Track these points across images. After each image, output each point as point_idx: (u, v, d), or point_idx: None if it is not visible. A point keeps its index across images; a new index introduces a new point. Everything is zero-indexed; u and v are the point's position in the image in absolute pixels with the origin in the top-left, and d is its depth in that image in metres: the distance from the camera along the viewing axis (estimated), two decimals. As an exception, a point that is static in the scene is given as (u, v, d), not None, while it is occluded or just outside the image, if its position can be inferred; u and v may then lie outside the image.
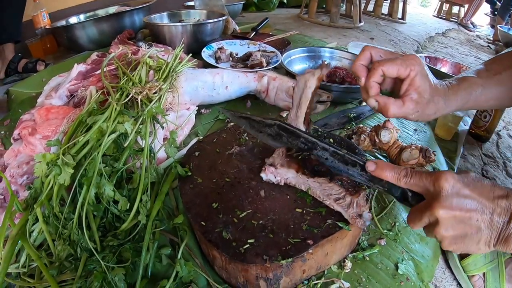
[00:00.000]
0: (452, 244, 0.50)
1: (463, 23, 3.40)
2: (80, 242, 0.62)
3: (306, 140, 0.65)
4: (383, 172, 0.55)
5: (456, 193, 0.48)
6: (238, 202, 0.65)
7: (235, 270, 0.59)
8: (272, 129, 0.69)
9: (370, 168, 0.57)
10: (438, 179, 0.49)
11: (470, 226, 0.48)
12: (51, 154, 0.64)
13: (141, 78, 0.91)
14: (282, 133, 0.68)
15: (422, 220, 0.51)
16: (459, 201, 0.47)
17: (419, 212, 0.51)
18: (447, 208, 0.47)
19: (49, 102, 1.04)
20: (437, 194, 0.49)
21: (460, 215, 0.47)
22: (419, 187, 0.53)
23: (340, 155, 0.62)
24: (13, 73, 1.67)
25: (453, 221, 0.48)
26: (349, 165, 0.61)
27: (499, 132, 1.36)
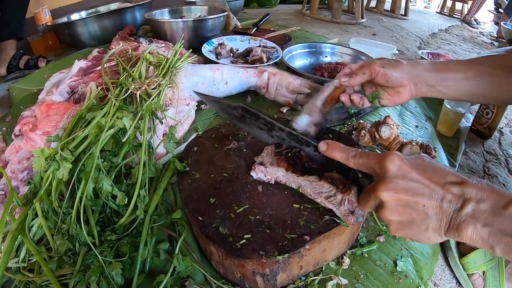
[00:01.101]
0: (399, 229, 0.48)
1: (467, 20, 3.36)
2: (79, 236, 0.63)
3: (265, 120, 0.68)
4: (333, 152, 0.56)
5: (402, 175, 0.46)
6: (235, 197, 0.64)
7: (231, 266, 0.59)
8: (237, 111, 0.72)
9: (321, 148, 0.58)
10: (384, 160, 0.47)
11: (417, 212, 0.45)
12: (49, 149, 0.64)
13: (141, 74, 0.91)
14: (245, 115, 0.71)
15: (369, 202, 0.50)
16: (404, 184, 0.45)
17: (366, 194, 0.51)
18: (391, 191, 0.45)
19: (50, 98, 1.04)
20: (382, 175, 0.47)
21: (405, 198, 0.45)
22: (367, 167, 0.52)
23: (294, 135, 0.65)
24: (15, 70, 1.67)
25: (398, 205, 0.46)
26: (304, 145, 0.64)
27: (502, 129, 1.35)
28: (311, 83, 1.10)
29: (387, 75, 0.70)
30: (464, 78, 0.69)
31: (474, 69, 0.69)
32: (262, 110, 1.12)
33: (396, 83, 0.71)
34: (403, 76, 0.70)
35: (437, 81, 0.70)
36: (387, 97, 0.75)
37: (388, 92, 0.74)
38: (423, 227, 0.46)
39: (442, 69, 0.70)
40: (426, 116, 1.25)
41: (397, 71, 0.70)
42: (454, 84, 0.70)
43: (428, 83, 0.71)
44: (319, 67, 1.38)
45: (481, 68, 0.68)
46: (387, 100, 0.75)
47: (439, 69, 0.70)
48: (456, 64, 0.71)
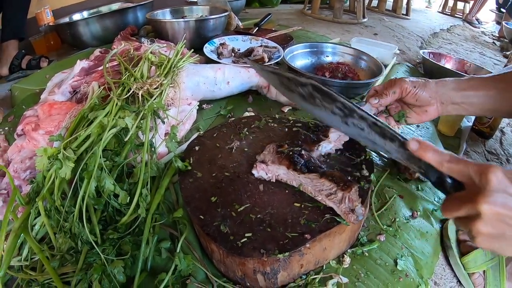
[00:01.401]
0: (487, 241, 0.48)
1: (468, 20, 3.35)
2: (81, 235, 0.63)
3: (343, 105, 0.57)
4: (426, 153, 0.52)
5: (503, 189, 0.45)
6: (236, 196, 0.65)
7: (232, 264, 0.59)
8: (305, 88, 0.61)
9: (412, 147, 0.53)
10: (486, 172, 0.46)
11: (510, 227, 0.45)
12: (52, 148, 0.65)
13: (142, 74, 0.92)
14: (315, 94, 0.60)
15: (460, 210, 0.48)
16: (505, 199, 0.45)
17: (459, 202, 0.49)
18: (492, 204, 0.45)
19: (52, 98, 1.05)
20: (483, 187, 0.46)
21: (504, 213, 0.45)
22: (462, 175, 0.50)
23: (379, 127, 0.56)
24: (17, 70, 1.67)
25: (495, 218, 0.45)
26: (387, 139, 0.56)
27: (503, 129, 1.35)
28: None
29: (417, 94, 0.72)
30: (487, 96, 0.71)
31: (496, 86, 0.71)
32: (264, 110, 1.14)
33: (424, 103, 0.73)
34: (431, 96, 0.72)
35: (462, 99, 0.73)
36: (414, 116, 0.77)
37: (416, 111, 0.76)
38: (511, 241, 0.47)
39: (466, 87, 0.72)
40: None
41: (426, 91, 0.72)
42: (477, 101, 0.72)
43: (453, 101, 0.73)
44: (321, 67, 1.39)
45: (503, 85, 0.70)
46: (414, 118, 0.77)
47: (463, 88, 0.72)
48: (479, 82, 0.73)
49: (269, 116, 0.89)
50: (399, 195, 0.84)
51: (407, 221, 0.78)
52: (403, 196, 0.84)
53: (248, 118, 0.89)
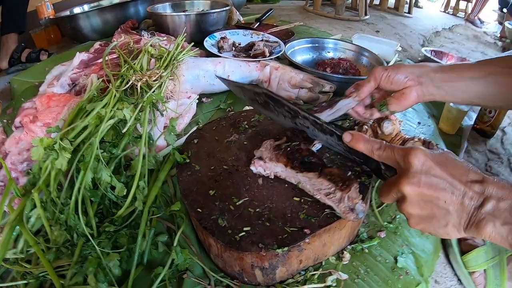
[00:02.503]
0: (419, 223, 0.49)
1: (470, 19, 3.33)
2: (77, 227, 0.62)
3: (289, 108, 0.65)
4: (358, 143, 0.55)
5: (426, 170, 0.46)
6: (235, 190, 0.64)
7: (230, 258, 0.58)
8: (261, 97, 0.69)
9: (346, 139, 0.57)
10: (408, 155, 0.47)
11: (437, 207, 0.46)
12: (48, 139, 0.64)
13: (142, 66, 0.91)
14: (269, 101, 0.68)
15: (391, 194, 0.50)
16: (427, 179, 0.46)
17: (389, 186, 0.50)
18: (414, 185, 0.46)
19: (51, 90, 1.04)
20: (406, 169, 0.48)
21: (427, 193, 0.46)
22: (390, 160, 0.52)
23: (319, 124, 0.62)
24: (16, 63, 1.67)
25: (419, 199, 0.47)
26: (327, 134, 0.62)
27: (504, 128, 1.34)
28: (313, 78, 1.09)
29: (390, 77, 0.69)
30: (472, 78, 0.67)
31: (483, 69, 0.67)
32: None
33: (400, 85, 0.70)
34: (407, 76, 0.69)
35: (444, 81, 0.68)
36: (394, 102, 0.73)
37: (395, 96, 0.73)
38: (443, 222, 0.47)
39: (448, 70, 0.69)
40: (428, 113, 1.23)
41: (400, 72, 0.69)
42: (462, 84, 0.68)
43: (434, 83, 0.69)
44: (322, 63, 1.37)
45: (491, 67, 0.66)
46: (395, 104, 0.74)
47: (445, 70, 0.69)
48: (464, 65, 0.69)
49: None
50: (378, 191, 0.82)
51: (407, 218, 0.77)
52: (404, 193, 0.83)
53: (248, 112, 0.88)
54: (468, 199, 0.44)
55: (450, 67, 0.69)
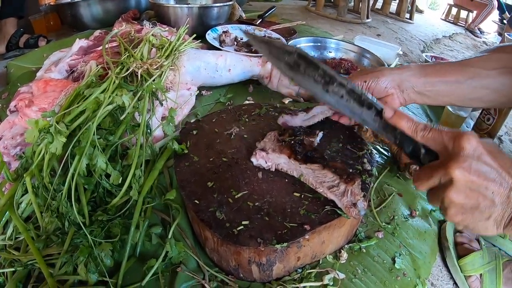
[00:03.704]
0: (459, 213, 0.46)
1: (471, 29, 3.36)
2: (69, 215, 0.60)
3: (324, 72, 0.58)
4: (401, 120, 0.52)
5: (478, 156, 0.43)
6: (234, 183, 0.62)
7: (227, 253, 0.57)
8: (291, 57, 0.61)
9: (387, 114, 0.53)
10: (460, 138, 0.45)
11: (483, 197, 0.44)
12: (44, 121, 0.61)
13: (142, 55, 0.89)
14: (300, 62, 0.61)
15: (432, 179, 0.47)
16: (478, 166, 0.43)
17: (431, 170, 0.47)
18: (465, 170, 0.43)
19: (48, 76, 1.01)
20: (456, 153, 0.45)
21: (477, 181, 0.43)
22: (436, 143, 0.48)
23: (357, 94, 0.57)
24: (14, 48, 1.64)
25: (467, 186, 0.44)
26: (365, 106, 0.56)
27: (501, 137, 1.34)
28: (315, 76, 1.08)
29: (371, 87, 0.68)
30: (455, 82, 0.66)
31: (466, 72, 0.65)
32: (264, 100, 1.11)
33: (381, 93, 0.68)
34: (387, 85, 0.67)
35: (425, 87, 0.67)
36: None
37: None
38: (485, 214, 0.45)
39: (430, 73, 0.67)
40: (427, 118, 1.23)
41: (380, 81, 0.67)
42: (445, 88, 0.67)
43: (415, 89, 0.68)
44: (323, 62, 1.36)
45: (474, 70, 0.65)
46: None
47: (427, 74, 0.67)
48: (447, 67, 0.67)
49: (270, 105, 0.87)
50: (398, 193, 0.82)
51: (405, 220, 0.76)
52: (402, 194, 0.82)
53: (249, 106, 0.87)
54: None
55: (433, 69, 0.68)
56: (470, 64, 0.66)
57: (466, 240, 0.74)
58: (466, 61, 0.68)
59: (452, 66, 0.67)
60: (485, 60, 0.66)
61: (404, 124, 0.51)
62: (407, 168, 0.86)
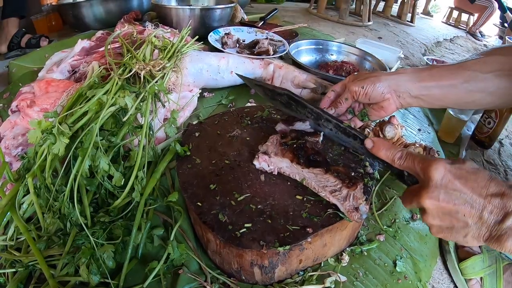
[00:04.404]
0: (439, 232, 0.50)
1: (472, 32, 3.37)
2: (71, 216, 0.60)
3: (312, 110, 0.68)
4: (380, 151, 0.56)
5: (445, 185, 0.47)
6: (236, 185, 0.62)
7: (229, 255, 0.57)
8: (283, 98, 0.71)
9: (368, 145, 0.59)
10: (428, 168, 0.48)
11: (456, 220, 0.47)
12: (46, 122, 0.61)
13: (145, 57, 0.89)
14: (291, 102, 0.70)
15: (413, 203, 0.51)
16: (446, 194, 0.46)
17: (410, 195, 0.51)
18: (434, 199, 0.47)
19: (50, 76, 1.01)
20: (426, 182, 0.48)
21: (446, 207, 0.46)
22: (411, 171, 0.52)
23: (342, 127, 0.65)
24: (16, 48, 1.64)
25: (439, 212, 0.48)
26: (351, 137, 0.64)
27: (502, 140, 1.34)
28: (317, 79, 1.09)
29: (368, 93, 0.70)
30: (451, 86, 0.67)
31: (462, 75, 0.66)
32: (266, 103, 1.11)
33: (378, 99, 0.71)
34: (384, 90, 0.69)
35: (421, 92, 0.69)
36: (373, 113, 0.75)
37: (373, 108, 0.74)
38: (462, 233, 0.47)
39: (426, 78, 0.68)
40: (428, 121, 1.23)
41: (377, 86, 0.69)
42: (440, 92, 0.68)
43: (411, 94, 0.69)
44: (325, 65, 1.37)
45: (469, 73, 0.66)
46: (374, 115, 0.75)
47: (423, 79, 0.68)
48: (442, 71, 0.68)
49: (272, 107, 0.87)
50: (399, 197, 0.82)
51: (407, 223, 0.76)
52: (403, 197, 0.82)
53: (251, 108, 0.87)
54: (487, 213, 0.44)
55: (428, 74, 0.69)
56: (465, 67, 0.67)
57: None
58: (461, 64, 0.68)
59: (447, 70, 0.68)
60: (480, 62, 0.66)
61: (383, 153, 0.56)
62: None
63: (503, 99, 0.67)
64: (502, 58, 0.65)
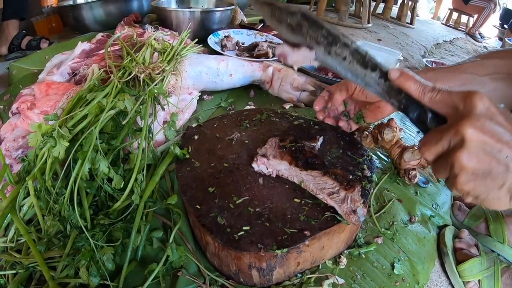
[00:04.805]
0: (470, 181, 0.43)
1: (471, 33, 3.38)
2: (71, 218, 0.61)
3: (328, 32, 0.54)
4: (407, 82, 0.49)
5: (491, 116, 0.41)
6: (235, 188, 0.63)
7: (227, 258, 0.57)
8: (294, 18, 0.57)
9: (393, 75, 0.50)
10: (472, 96, 0.42)
11: (497, 161, 0.40)
12: (47, 125, 0.62)
13: (145, 59, 0.89)
14: (303, 23, 0.57)
15: (441, 142, 0.44)
16: (492, 126, 0.40)
17: (440, 132, 0.44)
18: (478, 129, 0.40)
19: (50, 78, 1.02)
20: (468, 112, 0.42)
21: (490, 142, 0.40)
22: (446, 105, 0.46)
23: (361, 54, 0.53)
24: (16, 50, 1.65)
25: (480, 148, 0.41)
26: (368, 68, 0.53)
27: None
28: (316, 81, 1.09)
29: (364, 93, 0.69)
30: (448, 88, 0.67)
31: (459, 78, 0.65)
32: (265, 105, 1.12)
33: (375, 97, 0.69)
34: None
35: None
36: (369, 114, 0.74)
37: (369, 109, 0.73)
38: (499, 181, 0.42)
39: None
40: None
41: None
42: None
43: None
44: (324, 67, 1.37)
45: (466, 76, 0.65)
46: (370, 117, 0.74)
47: None
48: (439, 74, 0.67)
49: (271, 110, 0.88)
50: (397, 199, 0.82)
51: (405, 225, 0.77)
52: (401, 200, 0.83)
53: (250, 111, 0.87)
54: None
55: (425, 76, 0.66)
56: (462, 70, 0.66)
57: (465, 246, 0.74)
58: (458, 66, 0.68)
59: (444, 73, 0.68)
60: (477, 65, 0.66)
61: (411, 85, 0.49)
62: (406, 174, 0.86)
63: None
64: (499, 61, 0.65)
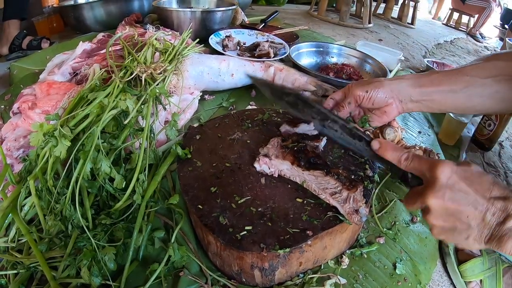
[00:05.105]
0: (441, 233, 0.51)
1: (472, 33, 3.37)
2: (72, 218, 0.61)
3: (319, 111, 0.65)
4: (386, 152, 0.56)
5: (451, 185, 0.47)
6: (237, 188, 0.63)
7: (230, 257, 0.57)
8: (290, 97, 0.68)
9: (374, 147, 0.58)
10: (435, 168, 0.49)
11: (460, 221, 0.47)
12: (48, 125, 0.62)
13: (146, 59, 0.89)
14: (298, 102, 0.67)
15: (416, 203, 0.52)
16: (452, 194, 0.47)
17: (414, 196, 0.52)
18: (439, 199, 0.48)
19: (51, 78, 1.02)
20: (432, 182, 0.49)
21: (451, 207, 0.47)
22: (417, 171, 0.53)
23: (348, 128, 0.62)
24: (17, 50, 1.64)
25: (443, 212, 0.48)
26: (356, 139, 0.61)
27: (502, 142, 1.35)
28: (317, 81, 1.09)
29: (372, 98, 0.71)
30: (450, 91, 0.69)
31: (461, 81, 0.68)
32: (266, 105, 1.12)
33: (381, 104, 0.72)
34: (387, 95, 0.71)
35: (422, 97, 0.70)
36: (375, 118, 0.76)
37: (375, 113, 0.75)
38: (464, 235, 0.48)
39: (426, 83, 0.70)
40: (428, 123, 1.24)
41: (380, 92, 0.70)
42: (440, 97, 0.70)
43: (412, 99, 0.71)
44: (325, 67, 1.37)
45: (468, 78, 0.67)
46: (376, 121, 0.76)
47: (423, 84, 0.70)
48: (442, 76, 0.70)
49: (273, 110, 0.87)
50: (399, 199, 0.82)
51: (406, 226, 0.77)
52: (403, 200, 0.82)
53: (252, 111, 0.87)
54: (490, 214, 0.46)
55: (428, 79, 0.70)
56: (464, 73, 0.68)
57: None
58: (461, 69, 0.70)
59: (446, 76, 0.70)
60: (479, 68, 0.68)
61: (389, 154, 0.56)
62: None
63: (503, 104, 0.68)
64: (501, 63, 0.66)
